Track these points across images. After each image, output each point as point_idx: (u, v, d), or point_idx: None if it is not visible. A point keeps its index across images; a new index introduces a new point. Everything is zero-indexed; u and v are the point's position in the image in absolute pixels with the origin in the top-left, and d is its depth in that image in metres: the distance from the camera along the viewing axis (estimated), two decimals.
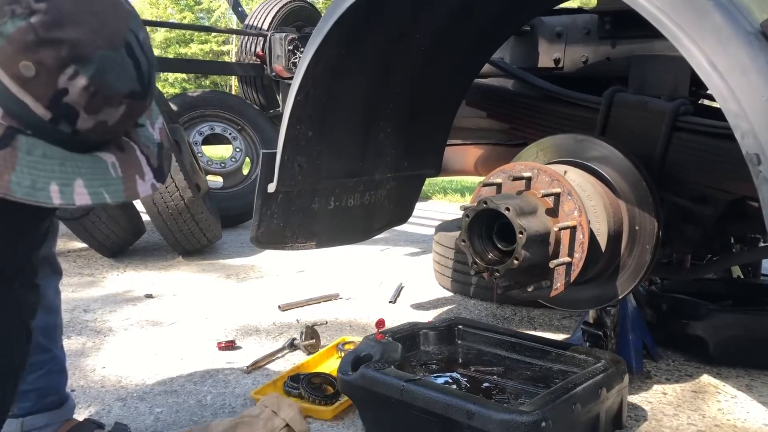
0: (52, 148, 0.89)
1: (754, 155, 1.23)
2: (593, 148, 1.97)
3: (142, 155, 1.01)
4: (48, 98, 0.85)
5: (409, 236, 4.98)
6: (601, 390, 1.75)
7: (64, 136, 0.89)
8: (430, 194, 7.62)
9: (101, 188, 0.92)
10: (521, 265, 1.69)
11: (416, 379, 1.74)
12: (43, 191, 0.86)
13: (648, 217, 1.89)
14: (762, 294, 2.87)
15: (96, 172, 0.92)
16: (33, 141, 0.87)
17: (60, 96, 0.85)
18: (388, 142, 2.47)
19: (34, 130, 0.87)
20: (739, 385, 2.27)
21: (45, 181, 0.87)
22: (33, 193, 0.86)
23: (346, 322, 2.87)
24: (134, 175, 0.98)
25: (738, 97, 1.24)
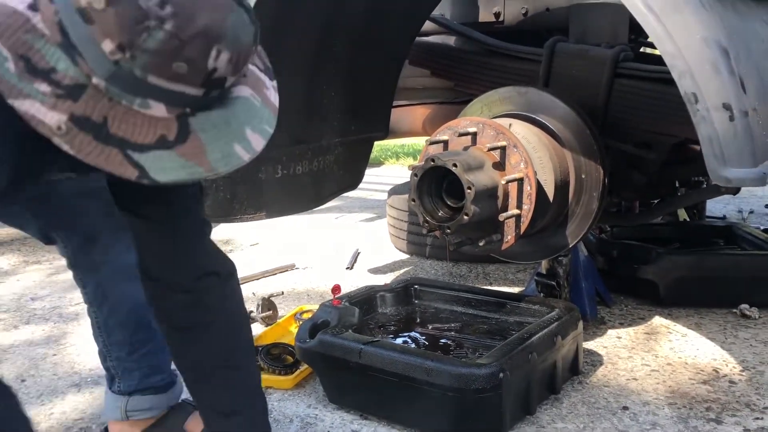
0: (212, 114, 0.94)
1: (691, 94, 1.24)
2: (537, 99, 1.97)
3: (253, 66, 1.03)
4: (201, 81, 0.90)
5: (363, 202, 4.96)
6: (556, 338, 1.77)
7: (215, 100, 0.94)
8: (382, 159, 7.60)
9: (262, 124, 0.98)
10: (471, 221, 1.69)
11: (374, 341, 1.74)
12: (233, 156, 0.93)
13: (594, 165, 1.91)
14: (707, 235, 2.95)
15: (250, 112, 0.97)
16: (200, 118, 0.93)
17: (211, 74, 0.90)
18: (333, 107, 2.43)
19: (193, 107, 0.92)
20: (689, 324, 2.33)
21: (229, 146, 0.93)
22: (229, 161, 0.93)
23: (303, 292, 2.85)
24: (264, 91, 1.02)
25: (674, 37, 1.25)
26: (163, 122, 0.90)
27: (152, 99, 0.89)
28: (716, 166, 1.22)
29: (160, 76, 0.87)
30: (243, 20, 0.92)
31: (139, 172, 0.89)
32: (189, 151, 0.91)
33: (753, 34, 1.43)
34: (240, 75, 0.96)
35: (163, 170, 0.90)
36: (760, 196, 4.71)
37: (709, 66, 1.22)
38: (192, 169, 0.91)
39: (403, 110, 2.95)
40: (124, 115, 0.88)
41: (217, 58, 0.89)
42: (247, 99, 0.98)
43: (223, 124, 0.94)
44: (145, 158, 0.89)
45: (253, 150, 0.95)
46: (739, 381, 1.90)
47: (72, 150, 0.87)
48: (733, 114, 1.22)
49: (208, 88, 0.91)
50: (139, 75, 0.86)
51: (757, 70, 1.36)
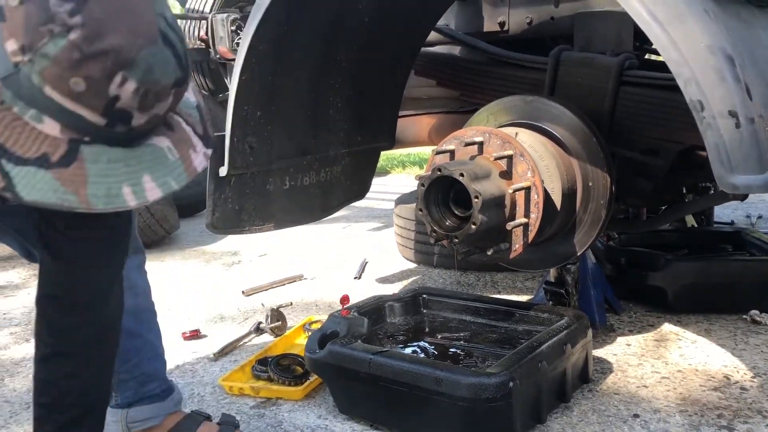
0: (113, 150, 0.91)
1: (697, 102, 1.25)
2: (542, 108, 1.97)
3: (188, 126, 1.01)
4: (102, 107, 0.86)
5: (370, 212, 4.97)
6: (565, 346, 1.77)
7: (120, 135, 0.91)
8: (388, 169, 7.61)
9: (167, 177, 0.95)
10: (479, 230, 1.69)
11: (383, 351, 1.74)
12: (118, 197, 0.90)
13: (600, 172, 1.91)
14: (716, 240, 2.94)
15: (157, 162, 0.94)
16: (95, 149, 0.89)
17: (113, 103, 0.87)
18: (339, 117, 2.44)
19: (92, 136, 0.89)
20: (698, 330, 2.33)
21: (117, 186, 0.90)
22: (110, 201, 0.89)
23: (311, 302, 2.86)
24: (188, 151, 0.99)
25: (678, 45, 1.25)
26: (52, 140, 0.87)
27: (48, 115, 0.86)
28: (723, 173, 1.22)
29: (55, 89, 0.84)
30: (164, 56, 0.89)
31: (5, 182, 0.86)
32: (67, 178, 0.87)
33: (757, 41, 1.44)
34: (150, 116, 0.91)
35: (31, 188, 0.86)
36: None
37: (714, 73, 1.23)
38: (65, 196, 0.87)
39: (409, 120, 2.96)
40: (11, 122, 0.86)
41: (121, 86, 0.86)
42: (160, 149, 0.96)
43: (121, 162, 0.91)
44: (17, 171, 0.86)
45: (144, 197, 0.91)
46: (750, 387, 1.89)
47: None
48: (740, 121, 1.22)
49: (111, 119, 0.88)
50: (36, 83, 0.83)
51: (762, 77, 1.36)
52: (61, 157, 0.87)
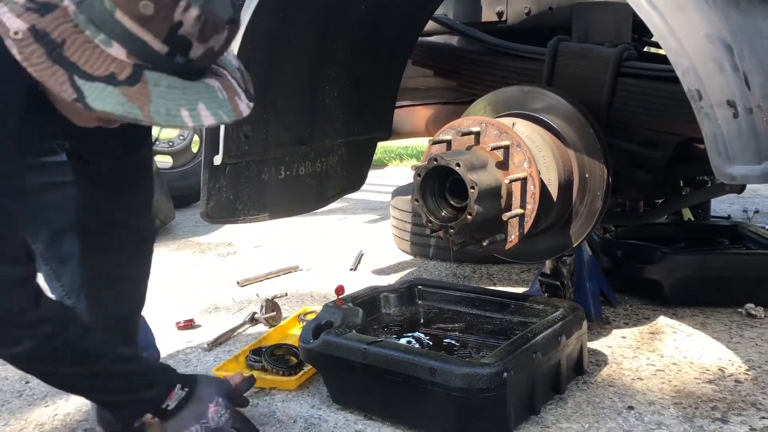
0: (172, 78, 0.99)
1: (695, 91, 1.24)
2: (540, 98, 1.96)
3: (233, 79, 1.09)
4: (165, 33, 0.95)
5: (366, 204, 4.96)
6: (560, 338, 1.77)
7: (179, 67, 0.99)
8: (386, 161, 7.59)
9: (218, 110, 1.02)
10: (475, 220, 1.68)
11: (378, 341, 1.73)
12: (177, 116, 0.98)
13: (597, 164, 1.90)
14: (712, 234, 2.94)
15: (210, 95, 1.02)
16: (156, 74, 0.98)
17: (176, 29, 0.95)
18: (336, 107, 2.43)
19: (154, 64, 0.97)
20: (694, 323, 2.32)
21: (176, 107, 0.98)
22: (170, 119, 0.98)
23: (307, 293, 2.85)
24: (234, 96, 1.07)
25: (677, 34, 1.24)
26: (119, 63, 0.95)
27: (116, 40, 0.94)
28: (720, 163, 1.21)
29: (125, 13, 0.92)
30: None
31: (77, 95, 0.93)
32: (133, 95, 0.95)
33: (757, 31, 1.42)
34: (207, 49, 0.99)
35: (100, 100, 0.94)
36: (765, 196, 4.70)
37: (713, 63, 1.22)
38: (130, 109, 0.95)
39: (406, 111, 2.95)
40: (82, 44, 0.94)
41: (185, 11, 0.94)
42: (212, 87, 1.04)
43: (179, 89, 0.99)
44: (87, 86, 0.94)
45: (200, 121, 1.00)
46: (744, 380, 1.89)
47: (20, 57, 0.91)
48: (738, 111, 1.21)
49: (172, 47, 0.96)
50: (108, 7, 0.92)
51: (761, 67, 1.35)
52: (127, 77, 0.95)
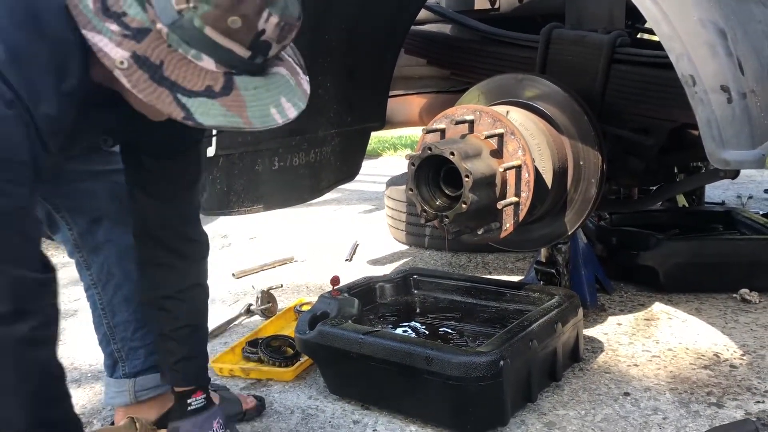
0: (254, 78, 1.05)
1: (689, 76, 1.23)
2: (534, 86, 1.95)
3: (289, 57, 1.13)
4: (250, 41, 1.02)
5: (361, 194, 4.95)
6: (556, 325, 1.77)
7: (256, 66, 1.05)
8: (380, 151, 7.58)
9: (295, 99, 1.08)
10: (470, 209, 1.68)
11: (374, 331, 1.73)
12: (269, 116, 1.04)
13: (592, 151, 1.90)
14: (706, 220, 2.95)
15: (285, 86, 1.08)
16: (242, 78, 1.04)
17: (259, 36, 1.02)
18: (329, 97, 2.42)
19: (238, 68, 1.04)
20: (689, 309, 2.33)
21: (266, 107, 1.04)
22: (265, 120, 1.04)
23: (302, 284, 2.85)
24: (298, 77, 1.11)
25: (670, 19, 1.23)
26: (211, 74, 1.02)
27: (205, 53, 1.01)
28: (714, 148, 1.21)
29: (215, 29, 0.99)
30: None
31: (185, 113, 1.00)
32: (231, 104, 1.02)
33: (749, 15, 1.42)
34: (282, 47, 1.07)
35: (206, 115, 1.01)
36: (759, 182, 4.71)
37: (706, 48, 1.21)
38: (232, 119, 1.02)
39: (399, 100, 2.94)
40: (178, 62, 1.00)
41: (267, 20, 1.01)
42: (283, 76, 1.09)
43: (262, 88, 1.05)
44: (191, 102, 1.00)
45: (286, 116, 1.06)
46: (740, 365, 1.89)
47: (129, 84, 0.98)
48: (731, 96, 1.20)
49: (254, 51, 1.03)
50: (198, 25, 0.99)
51: (755, 52, 1.35)
52: (222, 87, 1.02)
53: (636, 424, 1.61)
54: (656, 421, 1.62)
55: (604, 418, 1.64)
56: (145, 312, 1.55)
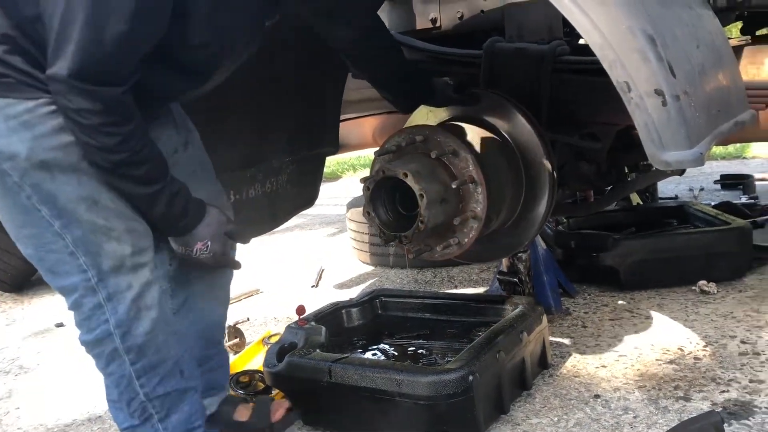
0: None
1: (624, 83, 1.26)
2: (481, 101, 1.98)
3: None
4: None
5: (323, 218, 4.95)
6: (522, 335, 1.79)
7: None
8: (339, 173, 7.60)
9: None
10: (427, 228, 1.69)
11: (342, 358, 1.73)
12: None
13: (541, 161, 1.93)
14: (661, 216, 3.02)
15: None
16: None
17: None
18: (281, 126, 2.41)
19: None
20: (651, 305, 2.38)
21: None
22: None
23: (269, 316, 2.82)
24: None
25: (600, 28, 1.27)
26: None
27: None
28: (655, 151, 1.24)
29: None
30: None
31: None
32: None
33: (677, 20, 1.47)
34: None
35: None
36: (709, 173, 4.84)
37: (637, 54, 1.25)
38: None
39: (352, 123, 2.96)
40: None
41: None
42: None
43: None
44: None
45: None
46: (703, 357, 1.94)
47: None
48: (666, 99, 1.24)
49: None
50: None
51: (684, 54, 1.39)
52: None
53: (608, 426, 1.63)
54: (627, 420, 1.64)
55: (577, 423, 1.66)
56: None
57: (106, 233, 1.35)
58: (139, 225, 1.40)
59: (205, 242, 1.45)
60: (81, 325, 1.42)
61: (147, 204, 1.37)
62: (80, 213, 1.33)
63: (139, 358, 1.41)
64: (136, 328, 1.39)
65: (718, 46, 1.69)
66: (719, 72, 1.63)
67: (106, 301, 1.38)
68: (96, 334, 1.40)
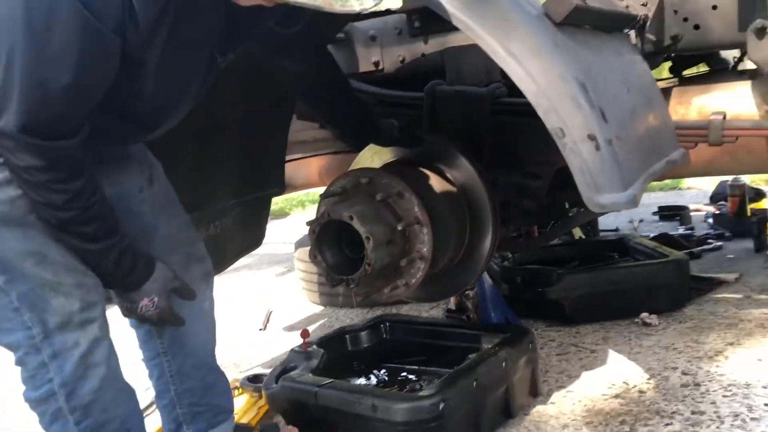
0: None
1: (558, 129, 1.31)
2: (423, 143, 2.01)
3: None
4: None
5: (271, 257, 4.89)
6: (505, 363, 1.81)
7: None
8: (287, 210, 7.54)
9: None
10: (374, 270, 1.70)
11: (328, 382, 1.79)
12: (348, 2, 1.12)
13: (484, 199, 1.97)
14: (603, 249, 3.10)
15: None
16: None
17: None
18: (225, 168, 2.39)
19: None
20: (596, 339, 2.42)
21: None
22: (344, 5, 1.11)
23: None
24: None
25: (534, 77, 1.31)
26: None
27: None
28: (590, 194, 1.28)
29: None
30: None
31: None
32: None
33: (607, 66, 1.53)
34: None
35: None
36: (647, 205, 4.98)
37: (570, 101, 1.29)
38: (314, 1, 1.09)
39: (297, 163, 2.95)
40: None
41: None
42: None
43: None
44: None
45: (362, 5, 1.14)
46: (647, 390, 1.97)
47: None
48: (599, 143, 1.29)
49: None
50: None
51: (615, 99, 1.45)
52: None
53: None
54: None
55: None
56: None
57: (54, 288, 1.31)
58: (89, 279, 1.36)
59: (151, 298, 1.43)
60: (26, 382, 1.37)
61: (95, 260, 1.34)
62: (26, 268, 1.29)
63: (85, 417, 1.36)
64: (82, 387, 1.35)
65: (648, 89, 1.77)
66: (650, 114, 1.70)
67: (50, 359, 1.33)
68: (40, 393, 1.35)
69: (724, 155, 2.21)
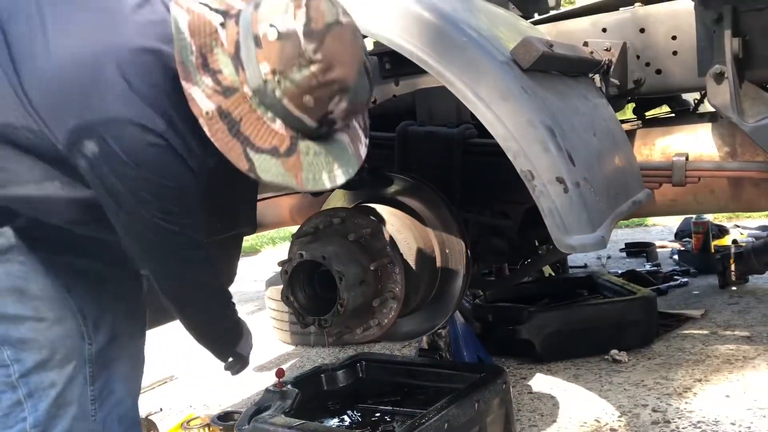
0: (315, 145, 1.18)
1: (527, 172, 1.34)
2: (395, 183, 2.04)
3: (355, 123, 1.26)
4: (318, 116, 1.15)
5: (243, 295, 4.84)
6: (477, 404, 1.80)
7: (321, 133, 1.19)
8: (258, 247, 7.50)
9: (347, 166, 1.21)
10: (347, 310, 1.69)
11: (299, 424, 1.75)
12: (320, 181, 1.18)
13: (455, 239, 1.98)
14: (572, 287, 3.13)
15: (342, 154, 1.21)
16: (305, 143, 1.17)
17: (327, 115, 1.16)
18: None
19: (304, 134, 1.17)
20: (567, 377, 2.43)
21: (318, 173, 1.17)
22: (315, 184, 1.17)
23: (185, 404, 2.71)
24: (357, 143, 1.25)
25: (503, 121, 1.34)
26: (279, 136, 1.14)
27: (278, 118, 1.14)
28: (559, 235, 1.31)
29: (291, 102, 1.13)
30: (364, 83, 1.20)
31: (249, 166, 1.12)
32: (290, 165, 1.14)
33: (574, 110, 1.58)
34: (346, 123, 1.21)
35: (267, 171, 1.13)
36: (615, 241, 5.08)
37: (538, 145, 1.33)
38: (287, 179, 1.14)
39: (269, 202, 2.95)
40: (254, 121, 1.13)
41: (337, 104, 1.15)
42: (343, 144, 1.23)
43: (321, 155, 1.18)
44: (257, 158, 1.12)
45: (335, 182, 1.20)
46: (618, 428, 1.99)
47: (209, 132, 1.11)
48: (567, 186, 1.32)
49: (321, 124, 1.17)
50: (278, 96, 1.12)
51: (582, 143, 1.49)
52: (286, 149, 1.14)
53: None
54: None
55: None
56: None
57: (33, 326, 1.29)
58: (68, 312, 1.34)
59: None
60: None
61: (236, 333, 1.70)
62: (6, 306, 1.27)
63: None
64: (53, 428, 1.33)
65: (613, 132, 1.82)
66: (615, 156, 1.75)
67: (26, 398, 1.31)
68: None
69: (687, 195, 2.27)
